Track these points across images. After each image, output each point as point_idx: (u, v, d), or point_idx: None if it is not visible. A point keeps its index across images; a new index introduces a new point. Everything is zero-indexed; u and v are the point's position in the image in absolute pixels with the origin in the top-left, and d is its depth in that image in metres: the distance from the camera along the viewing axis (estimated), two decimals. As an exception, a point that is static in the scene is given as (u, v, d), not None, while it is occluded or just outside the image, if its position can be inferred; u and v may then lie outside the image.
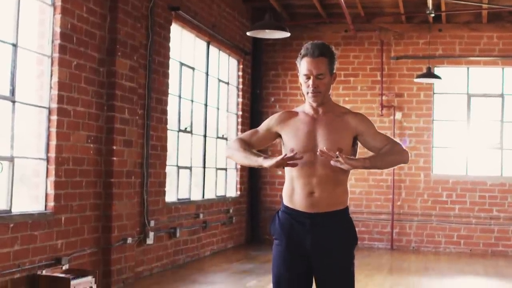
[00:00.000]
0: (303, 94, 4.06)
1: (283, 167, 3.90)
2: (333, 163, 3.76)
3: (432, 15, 12.48)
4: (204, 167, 11.87)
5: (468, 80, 13.63)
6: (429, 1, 11.50)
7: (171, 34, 10.18)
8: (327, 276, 4.00)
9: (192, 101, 11.34)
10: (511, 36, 13.37)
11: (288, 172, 4.06)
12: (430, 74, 12.63)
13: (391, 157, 3.97)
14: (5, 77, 6.76)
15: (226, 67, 13.23)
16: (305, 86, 3.99)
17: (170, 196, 10.36)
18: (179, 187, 10.81)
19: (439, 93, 13.78)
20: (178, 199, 10.69)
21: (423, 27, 13.60)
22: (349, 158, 3.77)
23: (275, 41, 13.42)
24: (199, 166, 11.73)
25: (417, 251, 13.31)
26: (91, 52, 7.97)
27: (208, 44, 12.07)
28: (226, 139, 13.08)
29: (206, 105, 12.00)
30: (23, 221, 6.74)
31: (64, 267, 7.28)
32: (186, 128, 11.08)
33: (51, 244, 7.19)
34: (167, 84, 10.08)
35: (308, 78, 3.96)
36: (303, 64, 3.97)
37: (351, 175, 4.10)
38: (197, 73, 11.59)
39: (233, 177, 13.34)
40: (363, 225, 13.58)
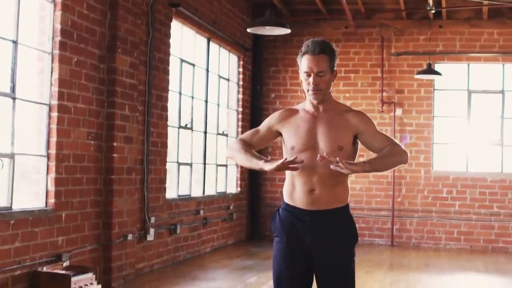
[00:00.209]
0: (304, 92, 4.06)
1: (284, 170, 3.91)
2: (333, 168, 3.76)
3: (433, 11, 12.48)
4: (205, 164, 11.88)
5: (469, 77, 13.62)
6: (430, -2, 11.51)
7: (172, 31, 10.18)
8: (328, 274, 4.01)
9: (193, 98, 11.34)
10: (512, 33, 13.38)
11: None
12: (431, 71, 12.62)
13: (391, 159, 3.98)
14: (6, 74, 6.75)
15: (227, 64, 13.22)
16: (306, 84, 3.99)
17: (171, 193, 10.36)
18: (180, 184, 10.81)
19: (440, 90, 13.78)
20: (179, 196, 10.69)
21: (424, 23, 13.59)
22: (349, 163, 3.76)
23: (276, 38, 13.40)
24: (200, 163, 11.73)
25: (418, 248, 13.32)
26: (92, 49, 7.97)
27: (209, 41, 12.07)
28: (227, 136, 13.08)
29: (207, 102, 12.00)
30: (24, 218, 6.74)
31: (65, 264, 7.29)
32: (187, 125, 11.08)
33: (52, 241, 7.20)
34: (168, 81, 10.08)
35: (309, 76, 3.96)
36: (304, 62, 3.96)
37: (352, 173, 4.10)
38: (198, 70, 11.59)
39: (234, 174, 13.34)
40: (364, 222, 13.59)
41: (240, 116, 13.57)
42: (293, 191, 4.03)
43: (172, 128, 10.45)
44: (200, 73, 11.78)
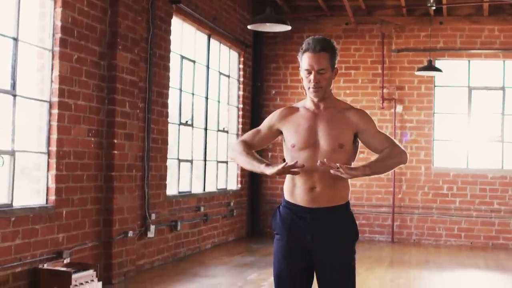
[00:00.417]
0: (304, 89, 4.06)
1: (285, 174, 3.94)
2: (333, 172, 3.77)
3: (433, 8, 12.47)
4: (205, 160, 11.88)
5: (469, 73, 13.61)
6: (430, -6, 11.50)
7: (172, 27, 10.17)
8: (328, 271, 4.01)
9: (193, 94, 11.34)
10: (512, 29, 13.37)
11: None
12: (431, 67, 12.62)
13: (391, 161, 3.98)
14: (6, 71, 6.76)
15: (227, 60, 13.22)
16: (307, 81, 3.99)
17: (171, 189, 10.37)
18: (180, 180, 10.81)
19: (440, 86, 13.77)
20: (179, 192, 10.70)
21: (424, 20, 13.58)
22: (350, 168, 3.77)
23: (276, 34, 13.39)
24: (200, 159, 11.73)
25: (418, 244, 13.32)
26: (92, 46, 7.97)
27: (209, 37, 12.06)
28: (227, 132, 13.08)
29: (207, 98, 12.00)
30: (24, 215, 6.75)
31: (65, 261, 7.29)
32: (187, 121, 11.08)
33: (52, 238, 7.20)
34: (168, 78, 10.08)
35: (310, 73, 3.95)
36: (305, 59, 3.96)
37: (352, 165, 4.10)
38: (198, 66, 11.58)
39: (234, 170, 13.33)
40: (364, 218, 13.59)
41: (241, 113, 13.56)
42: (294, 189, 4.04)
43: (173, 125, 10.45)
44: (201, 70, 11.78)
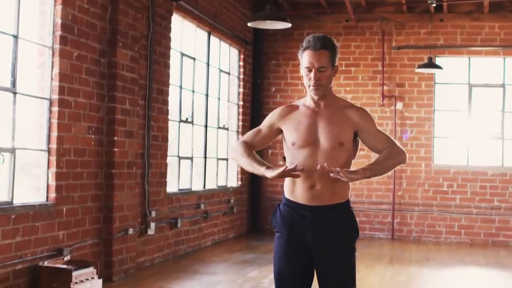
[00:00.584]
0: (305, 87, 4.05)
1: (286, 177, 3.96)
2: (334, 176, 3.77)
3: (434, 5, 12.47)
4: (205, 157, 11.88)
5: (469, 70, 13.61)
6: (431, -9, 11.49)
7: (172, 25, 10.17)
8: (328, 269, 4.01)
9: (193, 92, 11.34)
10: (513, 26, 13.37)
11: (290, 165, 4.06)
12: (431, 64, 12.61)
13: (390, 162, 3.99)
14: (6, 69, 6.75)
15: (227, 57, 13.22)
16: (307, 79, 3.98)
17: (171, 187, 10.37)
18: (180, 178, 10.82)
19: (440, 83, 13.77)
20: (179, 190, 10.70)
21: (425, 17, 13.56)
22: (350, 172, 3.79)
23: (276, 31, 13.38)
24: (200, 157, 11.74)
25: (418, 241, 13.33)
26: (92, 43, 7.96)
27: (209, 34, 12.05)
28: (227, 129, 13.08)
29: (207, 95, 12.00)
30: (25, 213, 6.75)
31: (66, 258, 7.30)
32: (187, 119, 11.08)
33: (53, 235, 7.20)
34: (168, 75, 10.08)
35: (310, 71, 3.95)
36: (305, 57, 3.96)
37: (352, 165, 4.11)
38: (198, 63, 11.58)
39: (234, 167, 13.33)
40: (364, 215, 13.60)
41: (241, 110, 13.56)
42: (294, 187, 4.03)
43: (173, 122, 10.45)
44: (201, 67, 11.77)
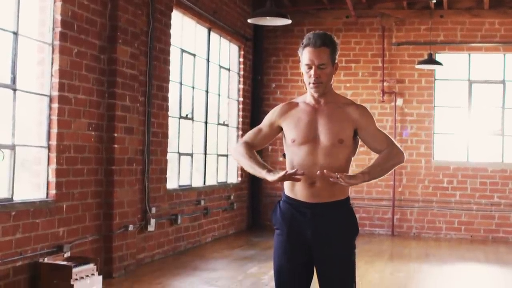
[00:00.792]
0: (305, 84, 4.05)
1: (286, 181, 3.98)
2: (333, 180, 3.77)
3: (434, 1, 12.45)
4: (205, 154, 11.88)
5: (470, 66, 13.61)
6: (431, -13, 11.48)
7: (172, 21, 10.15)
8: (328, 266, 4.01)
9: (193, 88, 11.33)
10: (513, 22, 13.36)
11: (290, 162, 4.07)
12: (432, 60, 12.61)
13: (389, 164, 4.01)
14: (6, 65, 6.75)
15: (227, 54, 13.21)
16: (307, 76, 3.98)
17: (171, 183, 10.37)
18: (180, 174, 10.82)
19: (441, 79, 13.76)
20: (179, 186, 10.70)
21: (425, 13, 13.55)
22: (349, 177, 3.80)
23: (276, 27, 13.37)
24: (200, 153, 11.74)
25: (418, 237, 13.34)
26: (92, 40, 7.96)
27: (209, 31, 12.05)
28: (227, 126, 13.08)
29: (207, 92, 11.99)
30: (25, 209, 6.76)
31: (66, 255, 7.30)
32: (187, 115, 11.07)
33: (53, 232, 7.21)
34: (168, 71, 10.07)
35: (310, 68, 3.95)
36: (305, 54, 3.95)
37: (352, 162, 4.12)
38: (198, 60, 11.57)
39: (234, 164, 13.32)
40: (364, 212, 13.61)
41: (241, 106, 13.56)
42: (294, 184, 4.03)
43: (173, 119, 10.45)
44: (201, 63, 11.77)
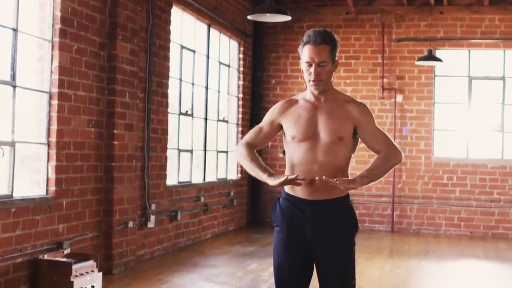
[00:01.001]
0: (305, 81, 4.05)
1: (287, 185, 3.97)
2: (332, 184, 3.78)
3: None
4: (205, 150, 11.88)
5: (470, 63, 13.60)
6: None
7: (172, 17, 10.15)
8: (328, 263, 4.01)
9: (193, 84, 11.33)
10: (513, 19, 13.34)
11: (289, 159, 4.06)
12: (431, 57, 12.60)
13: (387, 165, 4.00)
14: (6, 62, 6.74)
15: (227, 50, 13.20)
16: (307, 74, 3.98)
17: (171, 179, 10.37)
18: (180, 170, 10.82)
19: (440, 76, 13.76)
20: (179, 182, 10.70)
21: (425, 10, 13.54)
22: (348, 182, 3.80)
23: (276, 24, 13.36)
24: (200, 149, 11.74)
25: (418, 234, 13.35)
26: (92, 36, 7.95)
27: (209, 27, 12.04)
28: (227, 122, 13.08)
29: (207, 88, 11.99)
30: (25, 206, 6.76)
31: (66, 251, 7.30)
32: (187, 111, 11.07)
33: (53, 229, 7.21)
34: (168, 67, 10.07)
35: (310, 66, 3.94)
36: (305, 52, 3.95)
37: (352, 158, 4.12)
38: (198, 56, 11.56)
39: (234, 160, 13.33)
40: (364, 208, 13.62)
41: (241, 103, 13.55)
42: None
43: (173, 115, 10.45)
44: (201, 60, 11.76)
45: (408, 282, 8.70)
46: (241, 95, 13.57)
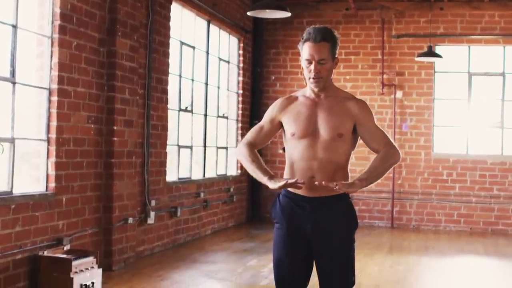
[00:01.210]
0: (305, 78, 4.05)
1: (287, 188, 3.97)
2: (331, 187, 3.78)
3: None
4: (205, 146, 11.88)
5: (469, 59, 13.59)
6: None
7: (172, 13, 10.14)
8: (327, 260, 4.02)
9: (193, 80, 11.32)
10: (513, 14, 13.33)
11: (289, 156, 4.07)
12: (431, 53, 12.60)
13: (385, 165, 4.00)
14: (5, 59, 6.74)
15: (227, 46, 13.19)
16: (307, 71, 3.98)
17: (171, 176, 10.37)
18: (180, 167, 10.82)
19: (440, 72, 13.75)
20: (179, 179, 10.70)
21: (424, 5, 13.53)
22: (348, 186, 3.79)
23: (276, 20, 13.34)
24: (200, 145, 11.73)
25: (417, 230, 13.35)
26: (91, 33, 7.94)
27: (209, 23, 12.02)
28: (227, 118, 13.08)
29: (207, 84, 11.98)
30: (24, 202, 6.75)
31: (66, 248, 7.30)
32: (187, 107, 11.06)
33: (52, 225, 7.21)
34: (168, 64, 10.06)
35: (310, 63, 3.94)
36: (305, 49, 3.95)
37: (352, 154, 4.12)
38: (198, 52, 11.55)
39: (234, 156, 13.33)
40: (364, 204, 13.62)
41: (241, 99, 13.55)
42: (293, 178, 4.03)
43: (172, 111, 10.44)
44: (200, 56, 11.75)
45: (408, 278, 8.71)
46: (241, 91, 13.57)
